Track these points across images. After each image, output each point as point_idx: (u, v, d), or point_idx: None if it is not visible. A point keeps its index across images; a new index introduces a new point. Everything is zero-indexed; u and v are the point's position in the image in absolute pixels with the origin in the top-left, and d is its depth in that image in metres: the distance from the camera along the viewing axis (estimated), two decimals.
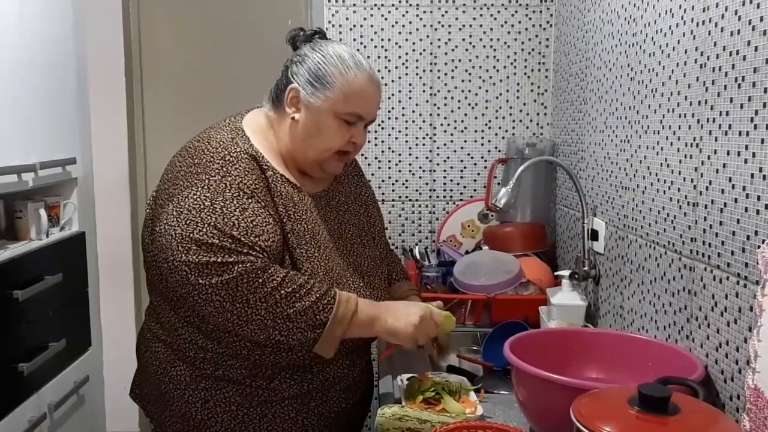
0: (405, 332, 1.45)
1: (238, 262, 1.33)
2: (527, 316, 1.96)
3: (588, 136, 2.01)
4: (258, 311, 1.35)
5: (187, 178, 1.43)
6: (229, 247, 1.34)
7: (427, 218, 2.52)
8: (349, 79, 1.48)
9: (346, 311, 1.40)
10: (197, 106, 2.65)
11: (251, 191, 1.42)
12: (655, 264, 1.52)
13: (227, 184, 1.40)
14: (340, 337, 1.41)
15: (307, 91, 1.48)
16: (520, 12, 2.45)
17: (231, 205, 1.38)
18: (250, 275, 1.34)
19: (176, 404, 1.49)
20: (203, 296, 1.35)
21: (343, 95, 1.47)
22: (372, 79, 1.52)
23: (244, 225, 1.37)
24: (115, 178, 2.64)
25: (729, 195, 1.21)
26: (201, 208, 1.37)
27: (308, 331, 1.38)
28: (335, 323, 1.39)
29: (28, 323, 1.95)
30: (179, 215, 1.38)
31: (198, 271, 1.34)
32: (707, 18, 1.29)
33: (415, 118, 2.48)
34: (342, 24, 2.43)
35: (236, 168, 1.43)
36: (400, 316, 1.46)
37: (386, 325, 1.45)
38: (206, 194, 1.39)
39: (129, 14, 2.65)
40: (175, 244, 1.36)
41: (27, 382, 1.92)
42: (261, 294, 1.34)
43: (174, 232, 1.37)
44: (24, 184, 1.93)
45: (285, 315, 1.36)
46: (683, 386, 1.09)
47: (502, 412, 1.47)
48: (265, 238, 1.38)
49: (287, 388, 1.48)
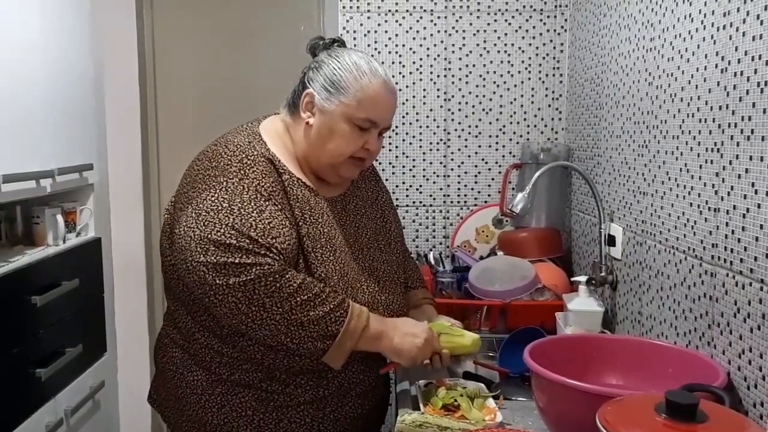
0: (408, 353, 1.48)
1: (255, 264, 1.34)
2: (543, 322, 1.95)
3: (604, 141, 2.00)
4: (273, 316, 1.36)
5: (205, 181, 1.44)
6: (247, 248, 1.34)
7: (442, 223, 2.52)
8: (363, 85, 1.48)
9: (357, 325, 1.41)
10: (210, 113, 2.67)
11: (268, 193, 1.42)
12: (674, 270, 1.51)
13: (245, 186, 1.41)
14: (350, 350, 1.42)
15: (322, 96, 1.49)
16: (534, 17, 2.44)
17: (249, 206, 1.39)
18: (267, 278, 1.34)
19: (192, 409, 1.50)
20: (219, 297, 1.35)
21: (356, 100, 1.48)
22: (387, 86, 1.52)
23: (262, 226, 1.37)
24: (130, 184, 2.65)
25: (752, 200, 1.20)
26: (219, 210, 1.38)
27: (318, 341, 1.39)
28: (346, 335, 1.40)
29: (46, 329, 1.96)
30: (198, 217, 1.39)
31: (216, 271, 1.34)
32: (728, 22, 1.28)
33: (429, 123, 2.48)
34: (356, 30, 2.44)
35: (254, 170, 1.43)
36: (405, 336, 1.48)
37: (392, 343, 1.47)
38: (224, 196, 1.40)
39: (143, 23, 2.67)
40: (193, 245, 1.36)
41: (44, 388, 1.93)
42: (277, 298, 1.35)
43: (193, 233, 1.37)
44: (42, 189, 1.94)
45: (299, 322, 1.37)
46: (708, 393, 1.08)
47: (521, 418, 1.46)
48: (282, 240, 1.39)
49: (303, 393, 1.48)
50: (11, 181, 1.76)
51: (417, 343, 1.48)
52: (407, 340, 1.47)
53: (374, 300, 1.52)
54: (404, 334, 1.48)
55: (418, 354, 1.48)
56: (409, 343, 1.47)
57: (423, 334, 1.49)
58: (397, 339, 1.47)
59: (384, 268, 1.60)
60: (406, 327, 1.50)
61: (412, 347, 1.47)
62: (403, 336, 1.48)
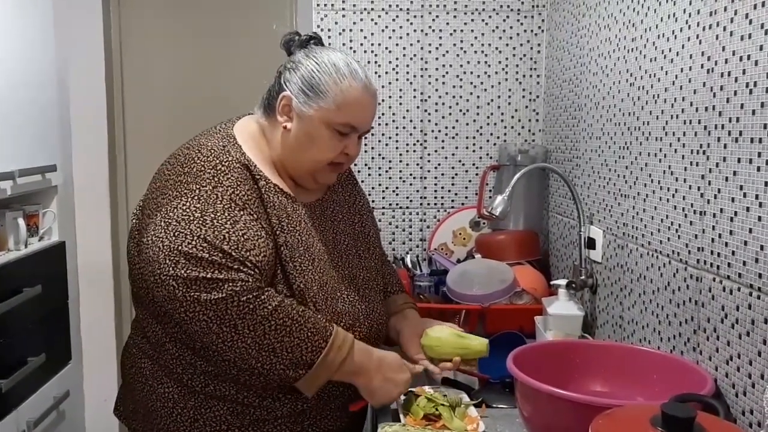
0: (380, 398, 1.43)
1: (228, 280, 1.27)
2: (522, 326, 1.92)
3: (583, 143, 1.98)
4: (244, 338, 1.29)
5: (176, 188, 1.37)
6: (219, 263, 1.28)
7: (418, 226, 2.48)
8: (343, 89, 1.42)
9: (336, 357, 1.35)
10: (179, 113, 2.60)
11: (243, 202, 1.36)
12: (657, 273, 1.49)
13: (218, 195, 1.34)
14: (325, 380, 1.36)
15: (300, 99, 1.43)
16: (511, 17, 2.42)
17: (222, 217, 1.32)
18: (240, 297, 1.28)
19: (164, 423, 1.43)
20: (190, 313, 1.29)
21: (336, 105, 1.41)
22: (367, 89, 1.46)
23: (235, 238, 1.31)
24: (95, 186, 2.57)
25: (740, 204, 1.17)
26: (190, 220, 1.31)
27: (291, 369, 1.33)
28: (322, 367, 1.34)
29: (7, 338, 1.88)
30: (167, 226, 1.32)
31: (186, 286, 1.27)
32: (714, 22, 1.26)
33: (405, 124, 2.44)
34: (331, 28, 2.39)
35: (228, 178, 1.37)
36: (386, 382, 1.42)
37: (370, 383, 1.41)
38: (196, 205, 1.33)
39: (110, 21, 2.59)
40: (162, 256, 1.29)
41: (5, 400, 1.85)
42: (250, 320, 1.29)
43: (162, 243, 1.30)
44: (2, 192, 1.87)
45: (271, 348, 1.30)
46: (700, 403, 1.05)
47: (504, 427, 1.42)
48: (257, 253, 1.32)
49: (280, 407, 1.42)
50: None
51: (393, 393, 1.43)
52: (386, 388, 1.42)
53: (354, 309, 1.47)
54: (385, 379, 1.42)
55: (389, 402, 1.44)
56: (387, 391, 1.42)
57: (402, 386, 1.44)
58: (377, 382, 1.41)
59: (364, 275, 1.55)
60: (391, 371, 1.43)
61: (388, 395, 1.43)
62: (384, 381, 1.41)
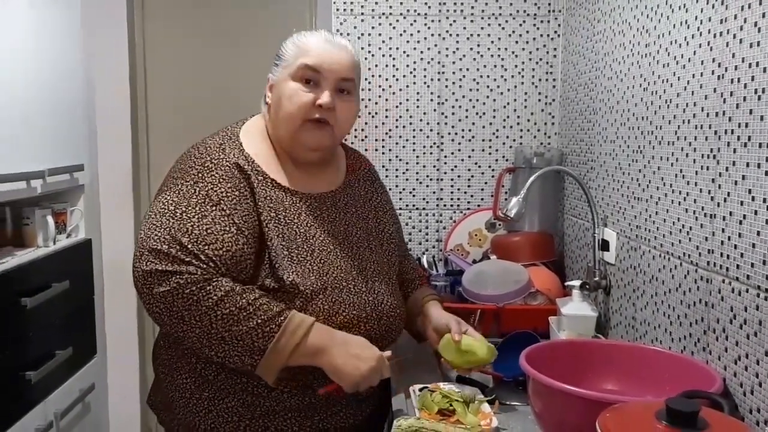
0: (348, 377, 1.39)
1: (176, 272, 1.30)
2: (536, 326, 1.94)
3: (598, 146, 2.01)
4: (193, 329, 1.32)
5: (166, 183, 1.44)
6: (174, 255, 1.31)
7: (434, 227, 2.52)
8: (300, 43, 1.51)
9: (289, 341, 1.34)
10: (200, 115, 2.65)
11: (219, 199, 1.39)
12: (669, 275, 1.52)
13: (196, 191, 1.39)
14: (281, 366, 1.36)
15: (273, 73, 1.53)
16: (528, 22, 2.45)
17: (191, 211, 1.37)
18: (185, 289, 1.29)
19: (182, 413, 1.48)
20: (147, 305, 1.33)
21: (293, 57, 1.50)
22: (327, 39, 1.52)
23: (197, 232, 1.34)
24: (120, 185, 2.63)
25: (749, 207, 1.20)
26: (164, 213, 1.37)
27: (245, 356, 1.34)
28: (274, 352, 1.34)
29: (36, 331, 1.94)
30: (147, 219, 1.38)
31: (143, 279, 1.31)
32: (725, 29, 1.29)
33: (422, 126, 2.48)
34: (350, 33, 2.43)
35: (211, 175, 1.42)
36: (350, 358, 1.39)
37: (332, 361, 1.38)
38: (174, 199, 1.39)
39: (134, 25, 2.66)
40: (136, 249, 1.35)
41: (34, 391, 1.91)
42: (195, 311, 1.30)
43: (139, 237, 1.37)
44: (32, 190, 1.93)
45: (220, 337, 1.32)
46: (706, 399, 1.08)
47: (517, 423, 1.45)
48: (217, 247, 1.34)
49: (288, 399, 1.44)
50: (1, 181, 1.75)
51: (360, 368, 1.38)
52: (350, 362, 1.38)
53: (360, 300, 1.49)
54: (350, 355, 1.39)
55: (359, 381, 1.39)
56: (352, 366, 1.38)
57: (370, 362, 1.40)
58: (340, 359, 1.38)
59: (374, 268, 1.57)
60: (356, 348, 1.40)
61: (354, 371, 1.38)
62: (348, 357, 1.38)
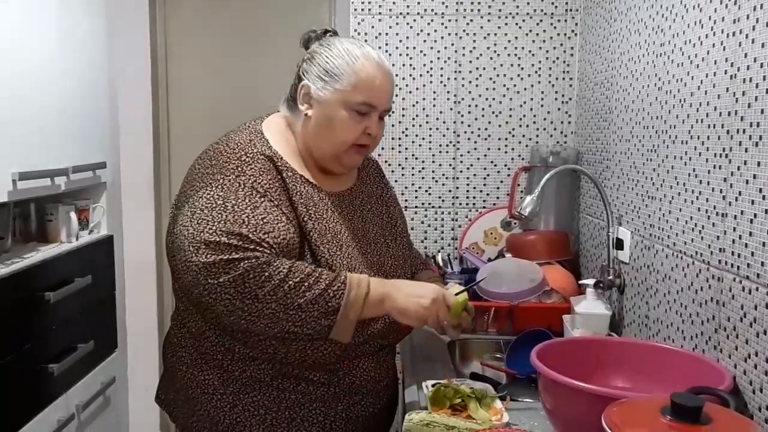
0: (414, 313, 1.45)
1: (243, 259, 1.33)
2: (550, 324, 1.96)
3: (613, 145, 2.01)
4: (268, 305, 1.34)
5: (203, 179, 1.45)
6: (236, 245, 1.34)
7: (450, 225, 2.53)
8: (357, 69, 1.48)
9: (358, 294, 1.39)
10: (220, 113, 2.69)
11: (264, 190, 1.42)
12: (682, 274, 1.52)
13: (241, 183, 1.41)
14: (355, 320, 1.40)
15: (317, 86, 1.50)
16: (545, 21, 2.46)
17: (243, 203, 1.39)
18: (254, 270, 1.33)
19: (204, 409, 1.50)
20: (213, 296, 1.34)
21: (351, 86, 1.48)
22: (381, 68, 1.51)
23: (254, 222, 1.37)
24: (141, 183, 2.68)
25: (759, 206, 1.21)
26: (213, 207, 1.38)
27: (322, 319, 1.37)
28: (348, 307, 1.38)
29: (59, 325, 1.98)
30: (192, 215, 1.39)
31: (206, 270, 1.33)
32: (738, 29, 1.29)
33: (439, 125, 2.50)
34: (368, 32, 2.46)
35: (251, 167, 1.44)
36: (411, 296, 1.45)
37: (396, 304, 1.44)
38: (219, 193, 1.40)
39: (156, 25, 2.70)
40: (187, 244, 1.36)
41: (56, 383, 1.96)
42: (269, 288, 1.34)
43: (187, 232, 1.37)
44: (56, 187, 1.97)
45: (296, 305, 1.35)
46: (714, 396, 1.09)
47: (528, 419, 1.47)
48: (275, 235, 1.38)
49: (314, 390, 1.48)
50: (26, 178, 1.79)
51: (423, 303, 1.45)
52: (412, 301, 1.45)
53: None
54: (408, 294, 1.45)
55: (425, 314, 1.46)
56: (415, 303, 1.45)
57: (430, 294, 1.47)
58: (402, 300, 1.44)
59: (391, 263, 1.61)
60: (411, 288, 1.48)
61: (419, 307, 1.45)
62: (408, 297, 1.45)
